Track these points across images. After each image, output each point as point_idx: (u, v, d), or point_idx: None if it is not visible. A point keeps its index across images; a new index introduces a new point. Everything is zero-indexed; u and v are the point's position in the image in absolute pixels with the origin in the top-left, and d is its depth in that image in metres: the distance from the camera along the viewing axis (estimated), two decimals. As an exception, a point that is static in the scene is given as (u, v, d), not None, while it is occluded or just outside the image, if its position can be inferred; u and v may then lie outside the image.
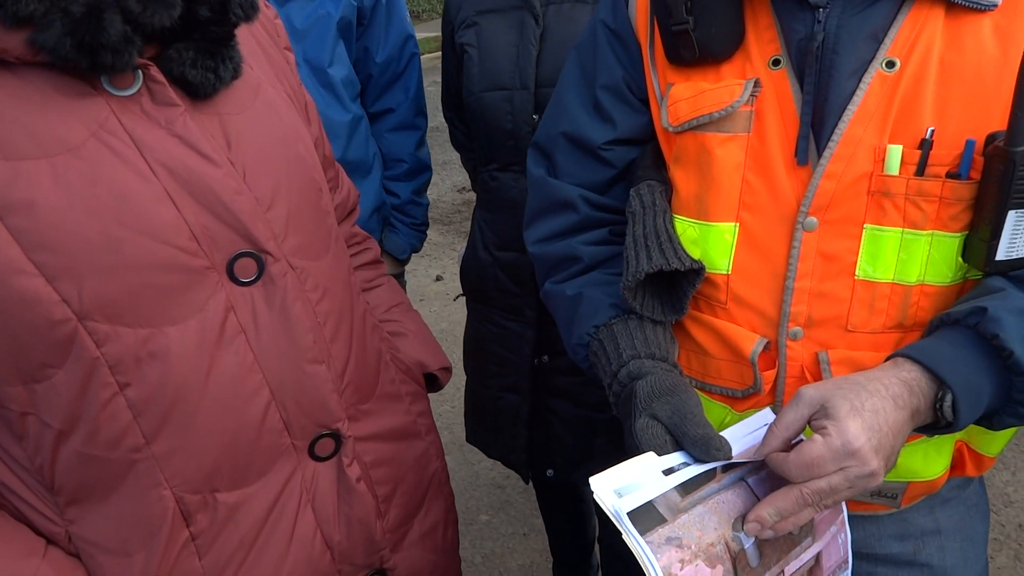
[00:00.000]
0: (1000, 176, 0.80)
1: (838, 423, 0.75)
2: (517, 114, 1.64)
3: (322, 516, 0.99)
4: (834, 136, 0.88)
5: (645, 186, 1.01)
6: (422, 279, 4.59)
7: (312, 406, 0.96)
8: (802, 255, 0.90)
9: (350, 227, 1.31)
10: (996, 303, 0.81)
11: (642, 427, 0.84)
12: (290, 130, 1.01)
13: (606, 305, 1.01)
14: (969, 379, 0.79)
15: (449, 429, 3.14)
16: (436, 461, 1.20)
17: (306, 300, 0.96)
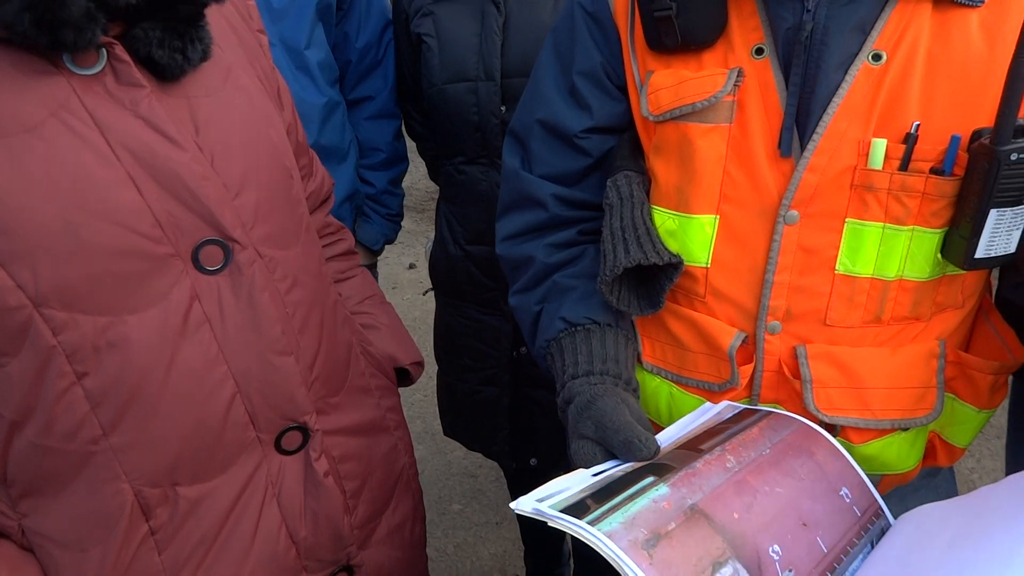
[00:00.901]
0: (984, 174, 0.80)
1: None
2: (483, 106, 1.61)
3: (288, 511, 0.97)
4: (818, 129, 0.86)
5: (623, 177, 1.00)
6: (395, 267, 4.56)
7: (279, 399, 0.94)
8: (783, 249, 0.90)
9: (324, 216, 1.28)
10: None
11: (575, 450, 0.84)
12: (261, 115, 0.98)
13: (556, 319, 1.00)
14: None
15: (421, 418, 3.13)
16: (405, 456, 1.19)
17: (274, 290, 0.94)
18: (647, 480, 0.74)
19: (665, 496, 0.73)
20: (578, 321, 0.99)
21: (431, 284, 1.95)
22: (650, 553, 0.67)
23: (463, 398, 1.88)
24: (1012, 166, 0.79)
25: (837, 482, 0.87)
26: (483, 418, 1.85)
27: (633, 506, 0.70)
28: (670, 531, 0.70)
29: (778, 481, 0.81)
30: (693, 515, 0.73)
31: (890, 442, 0.95)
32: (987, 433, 2.89)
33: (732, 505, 0.76)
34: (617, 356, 0.97)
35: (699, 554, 0.70)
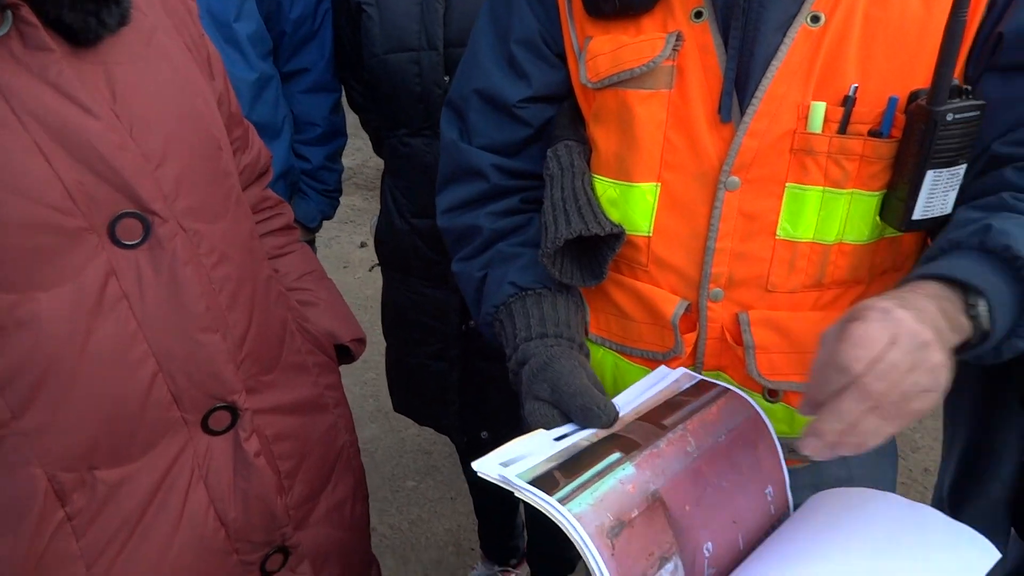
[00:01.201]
0: (921, 135, 0.80)
1: (871, 306, 0.67)
2: (426, 76, 1.57)
3: (216, 492, 0.94)
4: (758, 92, 0.85)
5: (563, 146, 0.98)
6: (346, 245, 4.50)
7: (204, 377, 0.90)
8: (724, 215, 0.89)
9: (261, 190, 1.24)
10: (997, 219, 0.76)
11: (529, 411, 0.83)
12: (186, 83, 0.94)
13: (505, 283, 0.99)
14: (995, 283, 0.73)
15: (374, 396, 3.10)
16: (345, 435, 1.16)
17: (199, 265, 0.90)
18: (614, 456, 0.73)
19: (631, 478, 0.72)
20: (528, 285, 0.97)
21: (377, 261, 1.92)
22: (613, 543, 0.66)
23: (412, 373, 1.85)
24: (948, 127, 0.79)
25: (766, 480, 0.88)
26: (433, 393, 1.84)
27: (602, 485, 0.69)
28: (633, 519, 0.69)
29: (725, 474, 0.81)
30: (654, 503, 0.72)
31: None
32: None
33: (687, 496, 0.76)
34: (569, 320, 0.96)
35: (652, 548, 0.70)
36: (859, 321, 0.66)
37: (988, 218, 0.77)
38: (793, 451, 0.99)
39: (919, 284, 0.74)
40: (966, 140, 0.81)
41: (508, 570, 2.23)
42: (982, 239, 0.75)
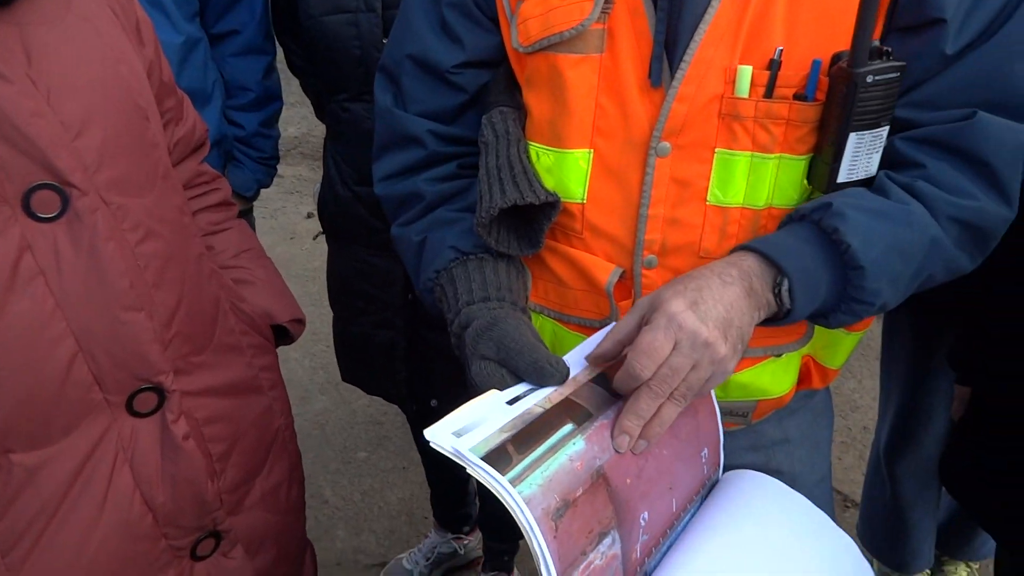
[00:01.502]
0: (842, 97, 0.79)
1: (660, 306, 0.75)
2: (365, 39, 1.53)
3: (142, 476, 0.92)
4: (686, 56, 0.84)
5: (497, 113, 0.96)
6: (292, 216, 4.41)
7: (128, 358, 0.87)
8: (655, 181, 0.88)
9: (197, 164, 1.20)
10: (842, 199, 0.81)
11: (477, 371, 0.81)
12: (110, 48, 0.90)
13: (446, 247, 0.97)
14: (806, 267, 0.80)
15: (324, 368, 3.07)
16: (280, 418, 1.14)
17: (122, 240, 0.86)
18: (566, 428, 0.72)
19: (580, 454, 0.71)
20: (470, 250, 0.96)
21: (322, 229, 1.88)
22: (556, 524, 0.66)
23: (358, 343, 1.83)
24: (868, 88, 0.79)
25: (703, 443, 0.89)
26: (380, 362, 1.82)
27: (552, 463, 0.69)
28: (577, 498, 0.69)
29: (666, 442, 0.81)
30: (597, 480, 0.72)
31: (763, 369, 0.97)
32: (867, 355, 3.06)
33: (628, 469, 0.76)
34: (511, 285, 0.95)
35: (592, 525, 0.70)
36: (647, 328, 0.74)
37: (830, 196, 0.82)
38: (730, 414, 1.01)
39: (741, 257, 0.81)
40: (887, 102, 0.81)
41: (461, 537, 2.24)
42: (821, 216, 0.81)
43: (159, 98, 1.04)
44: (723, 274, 0.78)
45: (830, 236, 0.80)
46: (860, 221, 0.79)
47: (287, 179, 4.82)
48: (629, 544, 0.74)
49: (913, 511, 1.86)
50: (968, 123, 0.82)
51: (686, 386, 0.74)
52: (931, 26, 0.82)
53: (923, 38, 0.82)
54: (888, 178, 0.85)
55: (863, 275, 0.80)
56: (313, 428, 2.81)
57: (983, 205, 0.84)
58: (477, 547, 2.27)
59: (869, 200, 0.82)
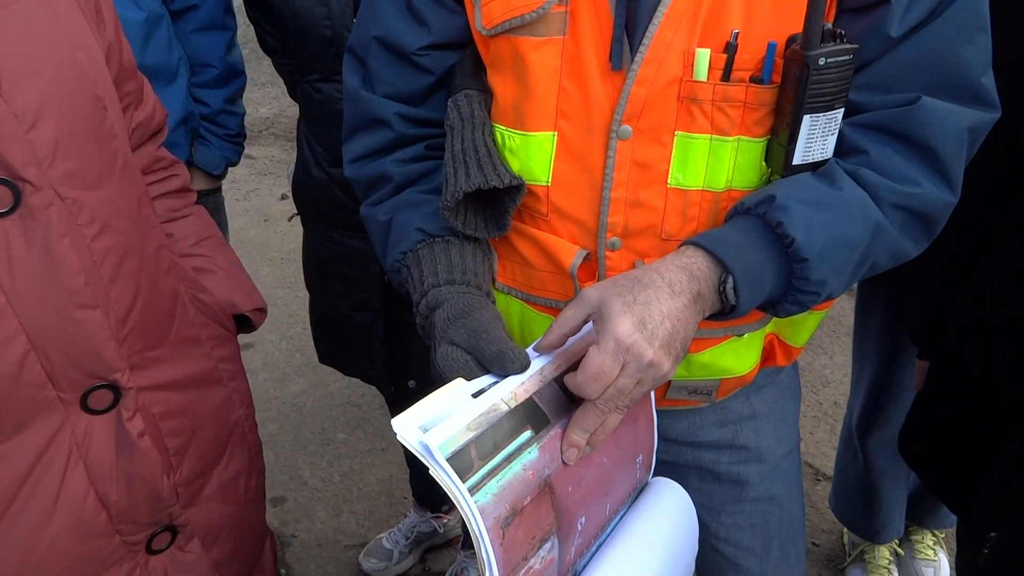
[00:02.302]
0: (796, 80, 0.80)
1: (609, 323, 0.74)
2: (335, 20, 1.51)
3: (96, 474, 0.91)
4: (645, 39, 0.84)
5: (463, 96, 0.96)
6: (266, 198, 4.37)
7: (82, 356, 0.87)
8: (617, 164, 0.89)
9: (155, 149, 1.18)
10: (785, 191, 0.82)
11: (442, 355, 0.82)
12: (67, 34, 0.87)
13: (413, 229, 0.97)
14: (750, 263, 0.81)
15: (301, 351, 3.07)
16: (240, 408, 1.13)
17: (78, 236, 0.85)
18: (524, 436, 0.74)
19: (533, 463, 0.73)
20: (436, 232, 0.97)
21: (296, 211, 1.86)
22: (504, 532, 0.68)
23: (336, 324, 1.83)
24: (821, 71, 0.79)
25: (639, 449, 0.91)
26: (357, 344, 1.82)
27: (507, 473, 0.70)
28: (524, 507, 0.71)
29: (607, 450, 0.83)
30: (544, 488, 0.74)
31: (725, 348, 0.98)
32: (838, 331, 3.09)
33: (571, 477, 0.78)
34: (476, 268, 0.96)
35: (535, 532, 0.72)
36: (595, 351, 0.74)
37: (775, 188, 0.83)
38: (694, 392, 1.02)
39: (691, 257, 0.81)
40: (841, 84, 0.81)
41: (440, 516, 2.26)
42: (765, 210, 0.82)
43: (119, 82, 1.02)
44: (673, 283, 0.78)
45: (774, 229, 0.81)
46: (803, 214, 0.80)
47: (259, 160, 4.76)
48: (566, 547, 0.77)
49: (884, 482, 1.89)
50: (912, 108, 0.83)
51: (629, 399, 0.77)
52: (876, 7, 0.82)
53: (869, 19, 0.83)
54: (836, 164, 0.86)
55: (807, 267, 0.81)
56: (291, 411, 2.81)
57: (925, 191, 0.85)
58: (456, 525, 2.29)
59: (812, 191, 0.83)
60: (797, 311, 0.86)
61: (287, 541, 2.31)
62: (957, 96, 0.84)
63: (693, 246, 0.83)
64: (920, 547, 2.04)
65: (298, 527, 2.36)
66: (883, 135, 0.85)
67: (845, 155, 0.87)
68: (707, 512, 1.11)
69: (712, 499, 1.11)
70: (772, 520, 1.13)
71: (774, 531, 1.13)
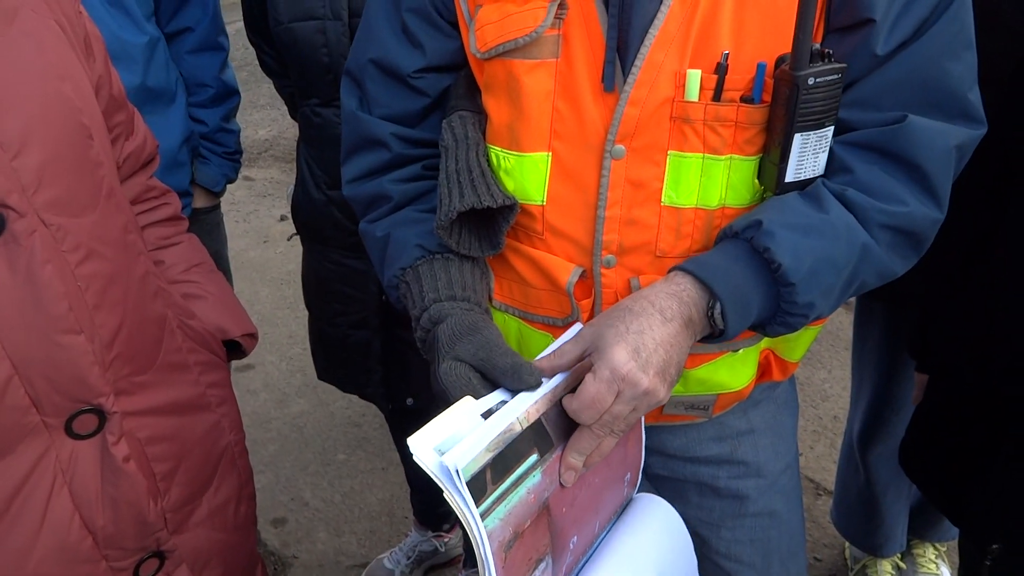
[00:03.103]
0: (786, 99, 0.81)
1: (603, 354, 0.77)
2: (332, 47, 1.53)
3: (81, 499, 0.91)
4: (637, 61, 0.86)
5: (457, 117, 0.98)
6: (265, 219, 4.38)
7: (67, 381, 0.87)
8: (611, 183, 0.90)
9: (146, 179, 1.19)
10: (772, 216, 0.83)
11: (446, 371, 0.82)
12: (53, 66, 0.88)
13: (412, 246, 0.98)
14: (737, 288, 0.82)
15: (301, 372, 3.06)
16: (230, 434, 1.13)
17: (62, 262, 0.86)
18: (532, 459, 0.75)
19: (536, 487, 0.74)
20: (436, 249, 0.98)
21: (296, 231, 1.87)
22: (506, 555, 0.69)
23: (334, 343, 1.83)
24: (811, 90, 0.80)
25: (628, 468, 0.92)
26: (356, 362, 1.82)
27: (514, 497, 0.71)
28: (524, 530, 0.72)
29: (598, 471, 0.84)
30: (542, 511, 0.75)
31: (721, 364, 0.98)
32: (837, 345, 3.08)
33: (566, 499, 0.78)
34: (475, 285, 0.97)
35: (532, 553, 0.73)
36: (591, 379, 0.77)
37: (762, 212, 0.84)
38: (691, 407, 1.02)
39: (680, 284, 0.83)
40: (830, 103, 0.83)
41: (441, 535, 2.25)
42: (752, 235, 0.83)
43: (108, 113, 1.03)
44: (664, 310, 0.81)
45: (761, 255, 0.82)
46: (789, 239, 0.82)
47: (259, 182, 4.78)
48: (558, 567, 0.77)
49: (886, 496, 1.88)
50: (899, 127, 0.84)
51: (625, 424, 0.79)
52: (862, 26, 0.83)
53: (855, 38, 0.84)
54: (823, 185, 0.87)
55: (794, 291, 0.82)
56: (291, 431, 2.80)
57: (912, 210, 0.86)
58: (458, 544, 2.27)
59: (799, 215, 0.84)
60: (787, 332, 0.87)
61: (288, 562, 2.30)
62: (944, 113, 0.85)
63: (681, 272, 0.84)
64: (922, 561, 2.02)
65: (299, 548, 2.35)
66: (871, 153, 0.86)
67: (832, 174, 0.87)
68: (707, 527, 1.12)
69: (712, 514, 1.11)
70: (772, 535, 1.13)
71: (774, 546, 1.13)
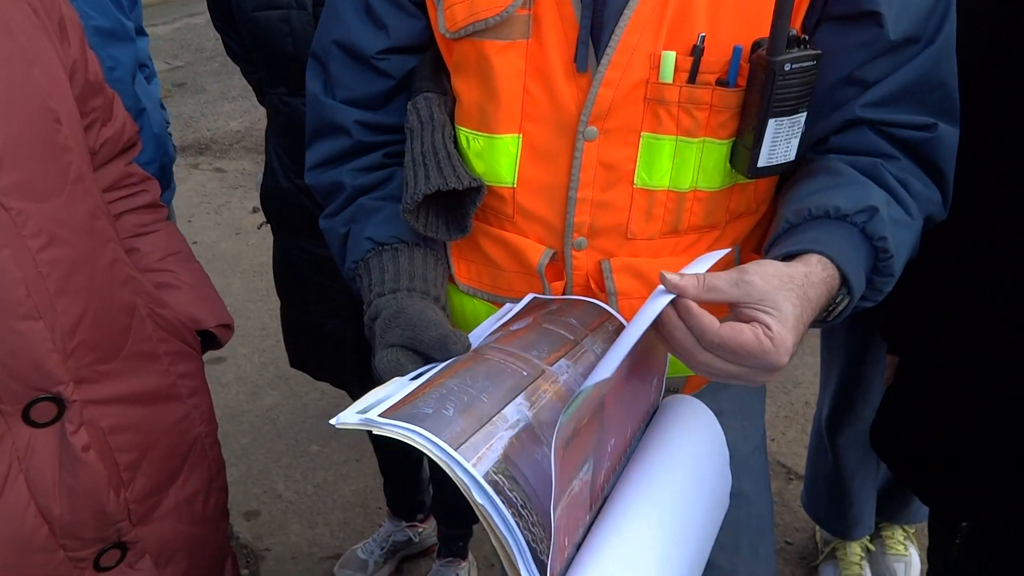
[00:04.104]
0: (762, 84, 0.81)
1: (781, 332, 0.72)
2: (297, 36, 1.51)
3: (38, 488, 0.90)
4: (611, 42, 0.85)
5: (422, 99, 0.96)
6: (237, 211, 4.32)
7: (23, 368, 0.85)
8: (584, 165, 0.89)
9: (124, 165, 1.17)
10: (883, 204, 0.83)
11: (379, 360, 0.81)
12: (21, 49, 0.87)
13: (363, 238, 0.98)
14: (860, 281, 0.82)
15: (274, 364, 3.04)
16: (201, 425, 1.12)
17: (22, 247, 0.84)
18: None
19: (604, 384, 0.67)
20: (385, 240, 0.96)
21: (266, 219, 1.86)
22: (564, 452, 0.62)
23: (307, 331, 1.83)
24: (786, 76, 0.80)
25: (655, 371, 0.89)
26: (328, 350, 1.82)
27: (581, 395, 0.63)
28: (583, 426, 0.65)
29: (634, 370, 0.80)
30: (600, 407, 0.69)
31: None
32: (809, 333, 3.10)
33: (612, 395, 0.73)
34: (425, 275, 0.95)
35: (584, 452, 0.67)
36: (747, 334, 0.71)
37: (873, 197, 0.83)
38: None
39: (831, 274, 0.79)
40: (805, 89, 0.83)
41: (415, 525, 2.25)
42: (866, 222, 0.82)
43: (84, 98, 1.01)
44: (816, 306, 0.77)
45: (873, 241, 0.82)
46: (894, 231, 0.83)
47: (231, 174, 4.73)
48: (598, 470, 0.73)
49: (854, 480, 1.91)
50: (933, 136, 0.87)
51: (727, 374, 0.74)
52: (865, 18, 0.84)
53: (862, 28, 0.85)
54: (887, 171, 0.87)
55: (889, 283, 0.85)
56: (264, 423, 2.78)
57: (937, 211, 0.91)
58: (432, 534, 2.27)
59: (893, 208, 0.85)
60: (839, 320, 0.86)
61: (261, 555, 2.28)
62: (949, 116, 0.89)
63: (830, 261, 0.80)
64: (891, 543, 2.05)
65: (272, 540, 2.33)
66: (910, 152, 0.89)
67: (881, 157, 0.88)
68: None
69: None
70: (741, 516, 1.13)
71: (743, 527, 1.14)
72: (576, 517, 0.68)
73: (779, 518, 2.29)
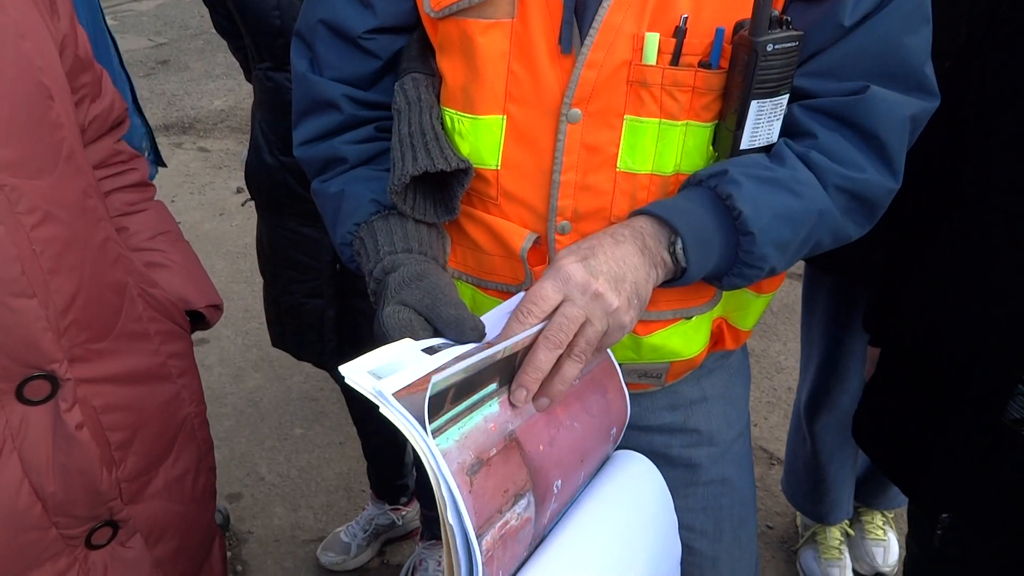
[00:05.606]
0: (744, 66, 0.81)
1: (553, 264, 0.77)
2: (284, 10, 1.50)
3: (31, 465, 0.90)
4: (595, 22, 0.85)
5: (409, 79, 0.96)
6: (221, 192, 4.28)
7: (17, 345, 0.85)
8: (567, 148, 0.89)
9: (113, 142, 1.15)
10: (738, 168, 0.84)
11: (389, 314, 0.80)
12: (13, 23, 0.86)
13: (367, 201, 0.97)
14: (699, 228, 0.82)
15: (257, 346, 3.03)
16: (190, 405, 1.12)
17: (16, 224, 0.83)
18: (490, 388, 0.72)
19: (494, 416, 0.72)
20: (391, 204, 0.95)
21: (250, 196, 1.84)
22: (471, 479, 0.66)
23: (289, 311, 1.83)
24: (768, 57, 0.81)
25: (613, 422, 0.91)
26: (310, 330, 1.82)
27: (469, 422, 0.69)
28: (490, 458, 0.69)
29: (578, 416, 0.83)
30: (510, 442, 0.73)
31: (674, 331, 0.99)
32: (792, 318, 3.14)
33: (541, 436, 0.77)
34: (431, 243, 0.95)
35: (507, 485, 0.71)
36: (538, 282, 0.75)
37: (730, 163, 0.85)
38: (644, 375, 1.03)
39: (634, 219, 0.84)
40: (787, 70, 0.83)
41: (398, 508, 2.26)
42: (716, 183, 0.84)
43: (73, 74, 1.00)
44: (615, 234, 0.81)
45: (724, 201, 0.83)
46: (752, 189, 0.82)
47: (215, 153, 4.68)
48: (542, 510, 0.76)
49: (831, 465, 1.94)
50: (861, 97, 0.85)
51: (584, 341, 0.75)
52: None
53: (822, 9, 0.85)
54: (786, 146, 0.88)
55: (753, 240, 0.82)
56: (247, 406, 2.78)
57: (869, 177, 0.87)
58: (415, 517, 2.28)
59: (763, 169, 0.85)
60: (742, 285, 0.88)
61: (244, 538, 2.28)
62: (901, 85, 0.87)
63: (640, 213, 0.85)
64: (870, 527, 2.09)
65: (255, 523, 2.34)
66: (833, 121, 0.87)
67: (796, 137, 0.89)
68: None
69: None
70: (724, 503, 1.15)
71: (726, 514, 1.15)
72: (515, 553, 0.72)
73: (760, 503, 2.33)
